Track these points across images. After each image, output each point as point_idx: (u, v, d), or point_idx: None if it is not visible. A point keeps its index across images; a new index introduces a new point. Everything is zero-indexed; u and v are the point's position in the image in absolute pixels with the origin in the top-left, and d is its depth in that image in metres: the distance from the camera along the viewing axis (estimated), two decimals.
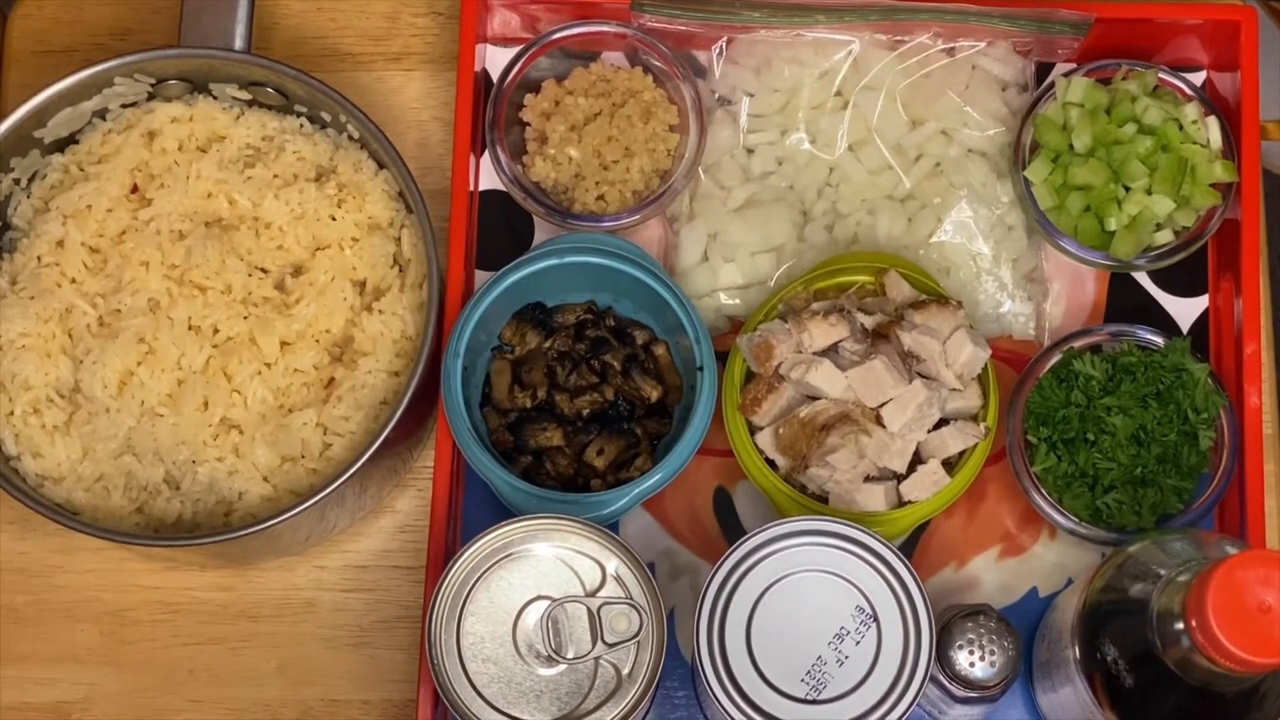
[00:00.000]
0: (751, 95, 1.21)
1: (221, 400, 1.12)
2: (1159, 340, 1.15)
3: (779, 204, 1.20)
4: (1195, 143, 1.17)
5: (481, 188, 1.23)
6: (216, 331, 1.13)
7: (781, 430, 1.12)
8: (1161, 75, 1.19)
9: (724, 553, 1.03)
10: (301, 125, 1.18)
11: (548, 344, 1.17)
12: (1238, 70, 1.19)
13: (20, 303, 1.13)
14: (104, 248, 1.15)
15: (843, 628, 1.02)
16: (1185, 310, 1.22)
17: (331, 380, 1.14)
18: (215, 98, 1.18)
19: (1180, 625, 0.92)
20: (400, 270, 1.16)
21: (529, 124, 1.22)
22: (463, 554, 1.03)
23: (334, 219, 1.15)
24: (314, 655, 1.19)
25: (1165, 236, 1.18)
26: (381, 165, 1.17)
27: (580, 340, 1.17)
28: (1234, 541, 1.01)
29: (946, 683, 1.07)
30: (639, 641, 1.02)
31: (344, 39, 1.27)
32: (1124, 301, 1.22)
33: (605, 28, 1.20)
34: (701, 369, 1.12)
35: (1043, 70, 1.23)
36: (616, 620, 1.02)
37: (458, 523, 1.18)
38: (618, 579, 1.03)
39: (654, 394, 1.16)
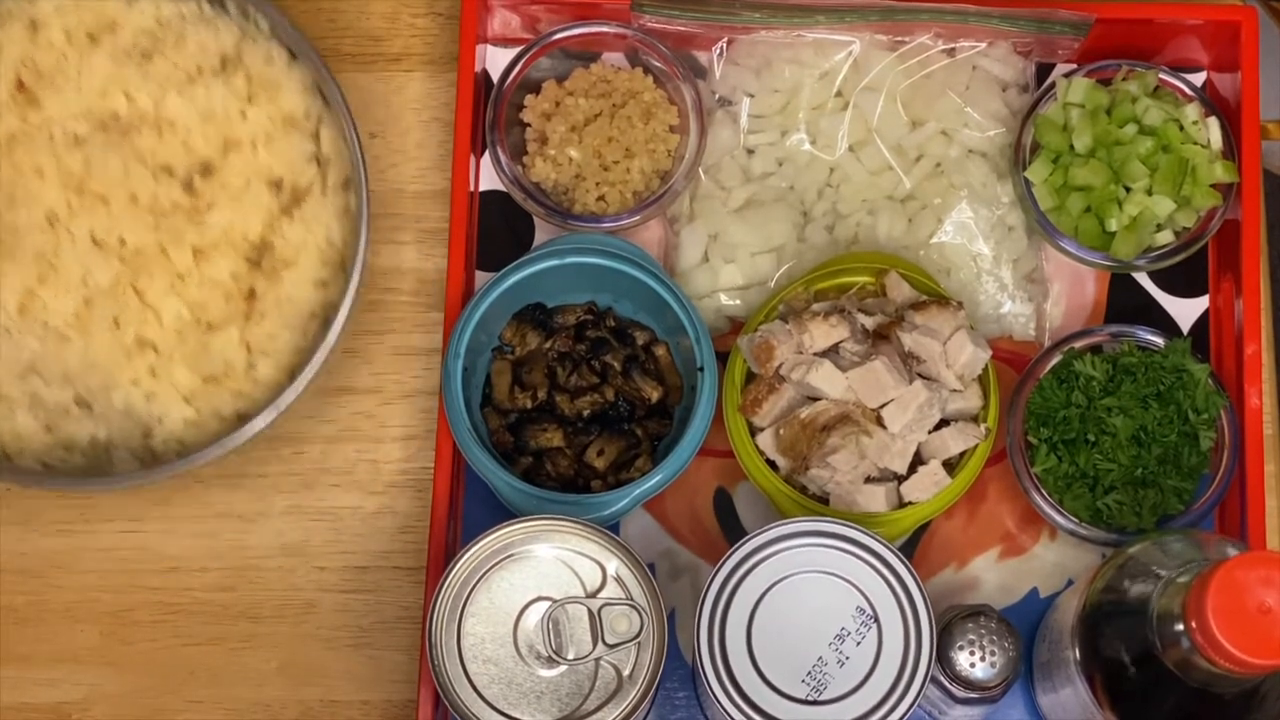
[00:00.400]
0: (752, 96, 1.21)
1: (133, 319, 1.05)
2: (1159, 341, 1.15)
3: (779, 204, 1.20)
4: (1196, 143, 1.17)
5: (482, 188, 1.23)
6: (123, 244, 1.05)
7: (782, 431, 1.12)
8: (1162, 76, 1.19)
9: (724, 554, 1.03)
10: (202, 9, 1.10)
11: (548, 345, 1.17)
12: (1238, 70, 1.19)
13: None
14: None
15: (843, 628, 1.02)
16: (1186, 311, 1.22)
17: (253, 292, 1.07)
18: None
19: (1180, 626, 0.92)
20: (320, 169, 1.09)
21: (529, 125, 1.22)
22: (463, 555, 1.03)
23: (244, 115, 1.08)
24: (314, 656, 1.19)
25: (1166, 237, 1.18)
26: (294, 56, 1.10)
27: (580, 341, 1.17)
28: (1234, 542, 1.01)
29: (947, 683, 1.07)
30: (639, 642, 1.02)
31: (344, 39, 1.27)
32: (1124, 302, 1.22)
33: (605, 28, 1.20)
34: (702, 370, 1.12)
35: (1043, 71, 1.23)
36: (617, 621, 1.02)
37: (458, 523, 1.18)
38: (618, 580, 1.03)
39: (654, 395, 1.16)
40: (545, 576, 1.03)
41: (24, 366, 1.05)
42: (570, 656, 1.01)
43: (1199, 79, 1.23)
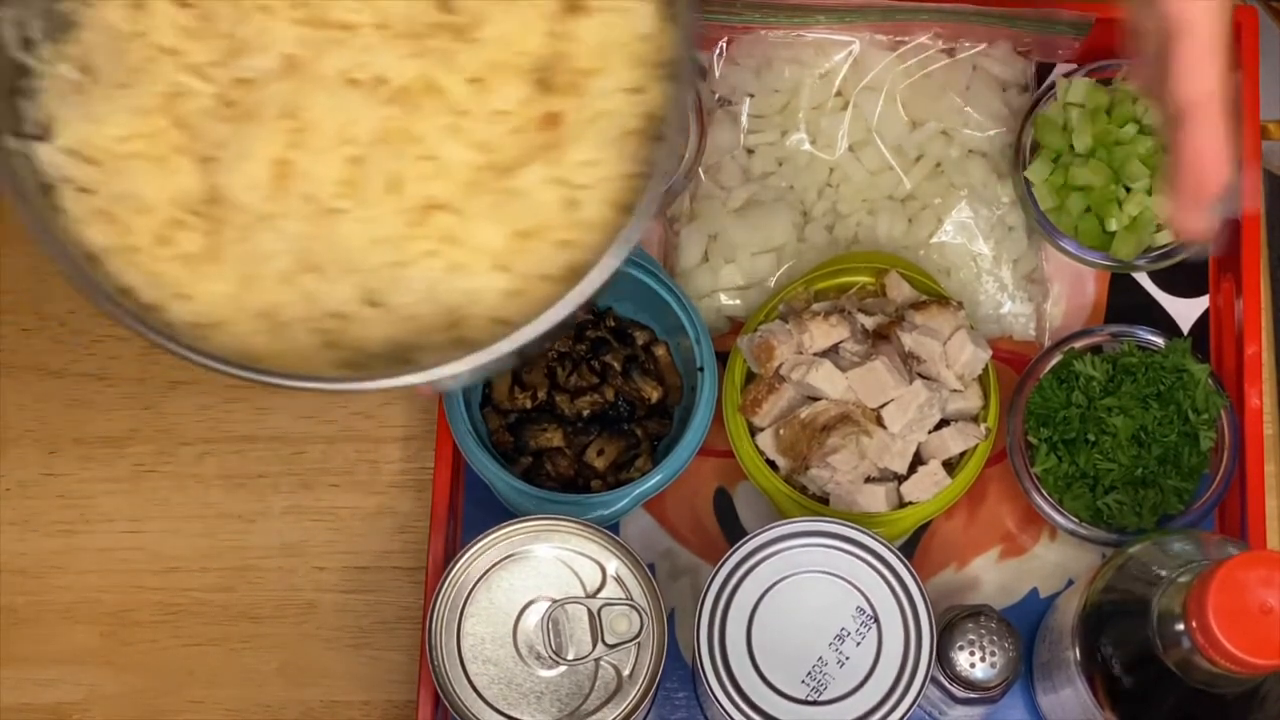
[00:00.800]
0: (752, 96, 1.21)
1: (414, 173, 0.82)
2: (1159, 341, 1.15)
3: (779, 204, 1.20)
4: None
5: None
6: (384, 83, 0.82)
7: (782, 431, 1.12)
8: None
9: (724, 554, 1.03)
10: None
11: (548, 345, 1.17)
12: (1238, 70, 1.19)
13: (106, 95, 0.83)
14: None
15: (843, 629, 1.02)
16: (1186, 311, 1.21)
17: (554, 117, 0.83)
18: None
19: (1181, 626, 0.92)
20: None
21: None
22: (463, 555, 1.03)
23: None
24: (314, 656, 1.19)
25: (1166, 237, 1.18)
26: None
27: (580, 341, 1.17)
28: (1235, 542, 1.01)
29: (947, 683, 1.07)
30: (639, 642, 1.02)
31: None
32: (1124, 302, 1.22)
33: None
34: (702, 369, 1.12)
35: (1043, 71, 1.23)
36: (617, 621, 1.02)
37: (458, 524, 1.18)
38: (618, 580, 1.03)
39: (654, 395, 1.16)
40: (545, 576, 1.03)
41: (293, 259, 0.83)
42: (570, 657, 1.01)
43: None
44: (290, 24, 0.82)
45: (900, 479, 1.12)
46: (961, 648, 1.07)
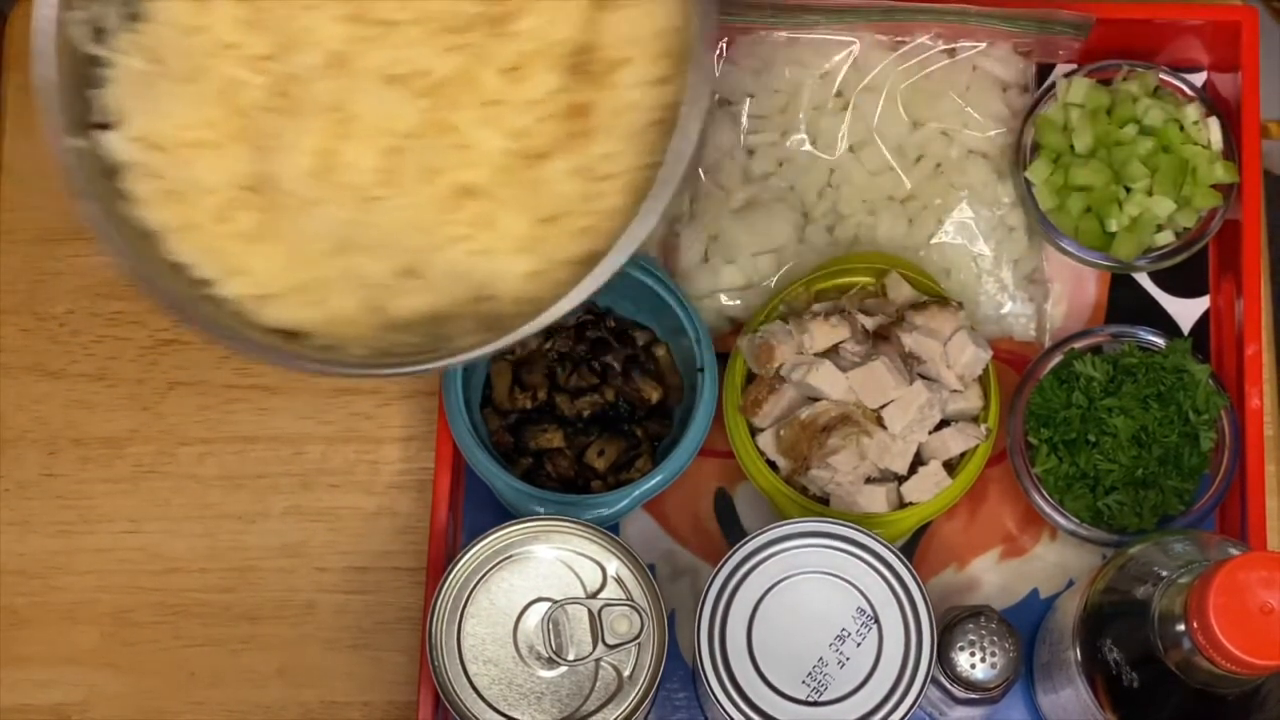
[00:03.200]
0: (752, 96, 1.21)
1: (449, 161, 0.88)
2: (1160, 341, 1.15)
3: (779, 205, 1.20)
4: (1196, 143, 1.17)
5: None
6: (423, 76, 0.88)
7: (782, 432, 1.12)
8: (1162, 76, 1.19)
9: (725, 554, 1.03)
10: None
11: (548, 345, 1.17)
12: (1238, 70, 1.19)
13: (172, 86, 0.89)
14: None
15: (844, 629, 1.02)
16: (1186, 311, 1.21)
17: (580, 107, 0.88)
18: None
19: (1181, 627, 0.92)
20: None
21: None
22: (463, 555, 1.03)
23: None
24: (315, 657, 1.19)
25: (1166, 238, 1.18)
26: None
27: (581, 341, 1.17)
28: (1235, 543, 1.01)
29: (947, 684, 1.07)
30: (640, 643, 1.02)
31: None
32: (1125, 303, 1.22)
33: None
34: (702, 370, 1.12)
35: (1043, 71, 1.23)
36: (617, 622, 1.02)
37: (458, 524, 1.18)
38: (618, 581, 1.03)
39: (654, 395, 1.16)
40: (545, 577, 1.03)
41: (337, 240, 0.89)
42: (570, 657, 1.01)
43: (1199, 79, 1.23)
44: (335, 21, 0.88)
45: (900, 479, 1.12)
46: (962, 648, 1.07)
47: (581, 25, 0.88)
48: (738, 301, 1.19)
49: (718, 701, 1.01)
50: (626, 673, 1.02)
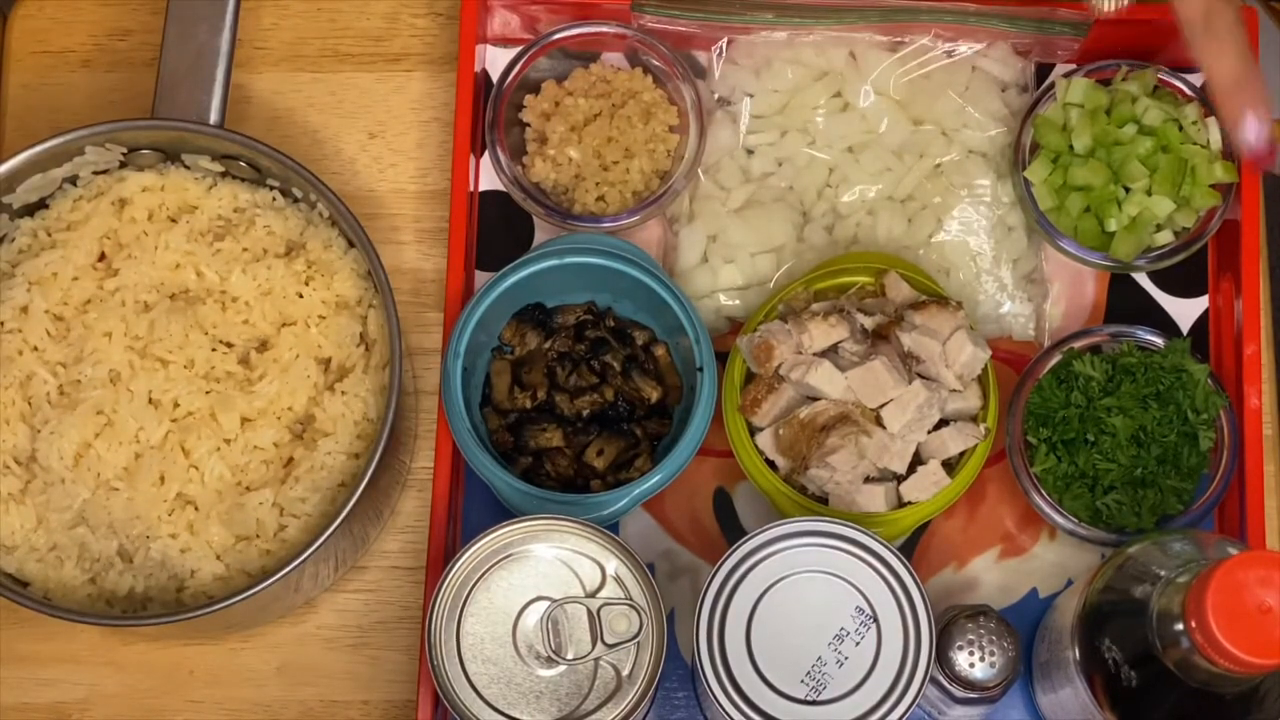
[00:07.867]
0: (752, 96, 1.21)
1: (178, 476, 1.10)
2: (1159, 341, 1.15)
3: (779, 205, 1.20)
4: (1195, 143, 1.17)
5: (481, 188, 1.23)
6: (177, 406, 1.11)
7: (781, 431, 1.12)
8: (1161, 76, 1.19)
9: (724, 553, 1.03)
10: (274, 199, 1.16)
11: (548, 345, 1.17)
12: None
13: None
14: (68, 316, 1.13)
15: (843, 628, 1.02)
16: (1185, 311, 1.22)
17: (291, 460, 1.12)
18: (188, 168, 1.16)
19: (1180, 626, 0.92)
20: (366, 350, 1.14)
21: (529, 125, 1.22)
22: (463, 555, 1.03)
23: (301, 296, 1.13)
24: (314, 656, 1.19)
25: (1165, 237, 1.18)
26: (351, 244, 1.14)
27: (580, 341, 1.17)
28: (1234, 542, 1.02)
29: (946, 683, 1.07)
30: (639, 642, 1.02)
31: (344, 40, 1.27)
32: (1124, 302, 1.22)
33: (605, 28, 1.20)
34: (701, 370, 1.12)
35: (1043, 71, 1.23)
36: (616, 621, 1.02)
37: (458, 523, 1.18)
38: (617, 580, 1.03)
39: (654, 395, 1.16)
40: (545, 576, 1.03)
41: (74, 515, 1.10)
42: (569, 656, 1.01)
43: (1199, 79, 1.23)
44: (123, 350, 1.12)
45: (899, 479, 1.12)
46: (961, 648, 1.07)
47: (307, 402, 1.12)
48: (737, 301, 1.20)
49: (716, 700, 1.01)
50: (625, 672, 1.02)
